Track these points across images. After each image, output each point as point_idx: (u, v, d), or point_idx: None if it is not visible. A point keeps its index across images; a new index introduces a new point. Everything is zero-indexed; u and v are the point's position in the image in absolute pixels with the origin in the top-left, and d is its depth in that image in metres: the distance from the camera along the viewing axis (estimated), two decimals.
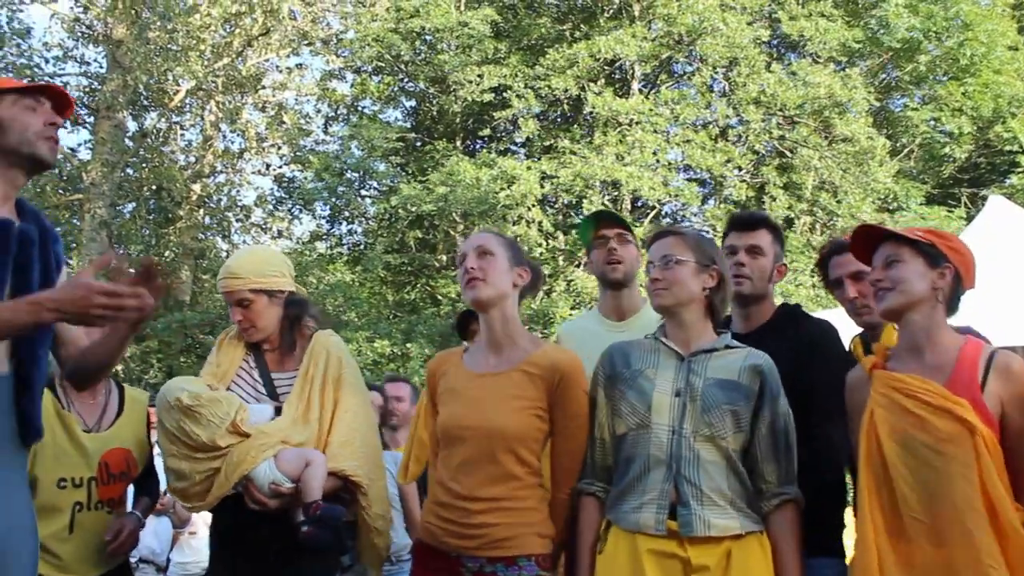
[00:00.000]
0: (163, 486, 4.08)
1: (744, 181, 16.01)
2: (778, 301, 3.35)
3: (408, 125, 18.64)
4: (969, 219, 12.94)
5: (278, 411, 3.04)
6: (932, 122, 16.67)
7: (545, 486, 2.86)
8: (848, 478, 3.05)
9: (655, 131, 15.34)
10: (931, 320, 2.53)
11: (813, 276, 14.82)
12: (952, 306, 2.58)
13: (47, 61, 17.07)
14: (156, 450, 3.79)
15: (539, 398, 2.79)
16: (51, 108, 2.62)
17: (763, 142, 16.11)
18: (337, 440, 2.99)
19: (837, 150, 15.77)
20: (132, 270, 2.44)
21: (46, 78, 16.70)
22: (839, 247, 3.16)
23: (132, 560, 4.16)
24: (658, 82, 17.76)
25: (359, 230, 18.34)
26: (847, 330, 3.14)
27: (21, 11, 16.73)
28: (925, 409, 2.42)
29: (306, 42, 17.84)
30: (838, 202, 15.66)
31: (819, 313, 4.14)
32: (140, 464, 3.61)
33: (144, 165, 17.06)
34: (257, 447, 2.90)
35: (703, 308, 2.78)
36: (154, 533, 5.80)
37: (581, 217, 9.47)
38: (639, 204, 16.73)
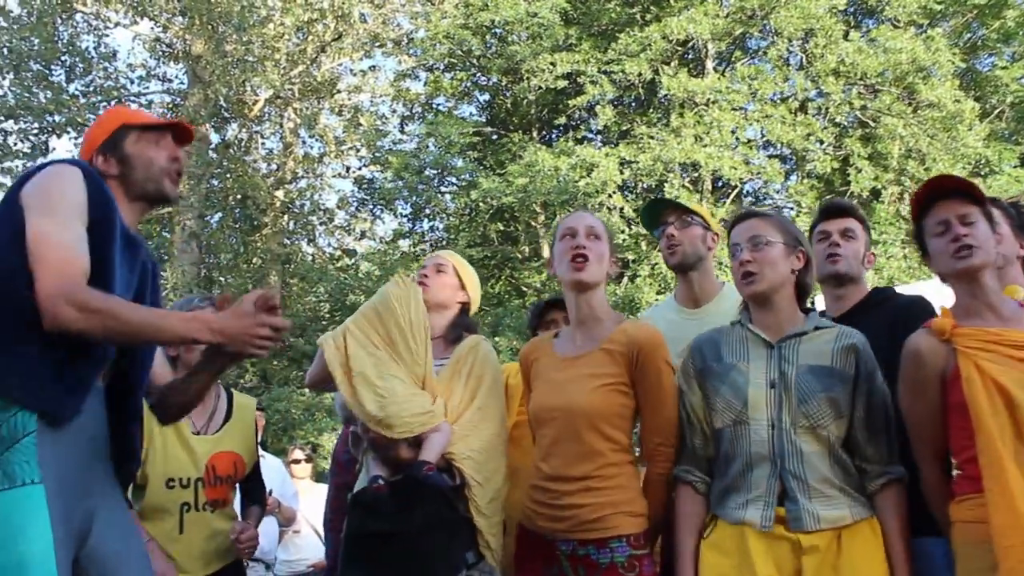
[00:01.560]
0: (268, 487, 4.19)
1: (827, 154, 15.61)
2: (870, 276, 3.29)
3: (483, 119, 18.70)
4: None
5: None
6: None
7: (636, 463, 2.88)
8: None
9: (733, 109, 15.10)
10: (995, 281, 2.53)
11: (905, 247, 14.45)
12: None
13: (132, 81, 17.62)
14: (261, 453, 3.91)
15: (620, 374, 2.82)
16: (172, 141, 2.64)
17: (844, 113, 15.69)
18: (458, 432, 3.05)
19: (923, 116, 15.28)
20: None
21: (132, 98, 17.26)
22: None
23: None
24: (733, 59, 17.48)
25: (441, 226, 18.49)
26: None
27: (106, 35, 17.31)
28: None
29: (378, 44, 18.02)
30: (926, 170, 15.17)
31: (913, 285, 4.05)
32: (248, 467, 3.69)
33: (228, 175, 17.46)
34: (430, 416, 3.00)
35: (792, 291, 2.74)
36: (262, 532, 5.93)
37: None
38: (720, 185, 16.51)
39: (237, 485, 3.72)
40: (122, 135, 2.57)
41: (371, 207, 18.94)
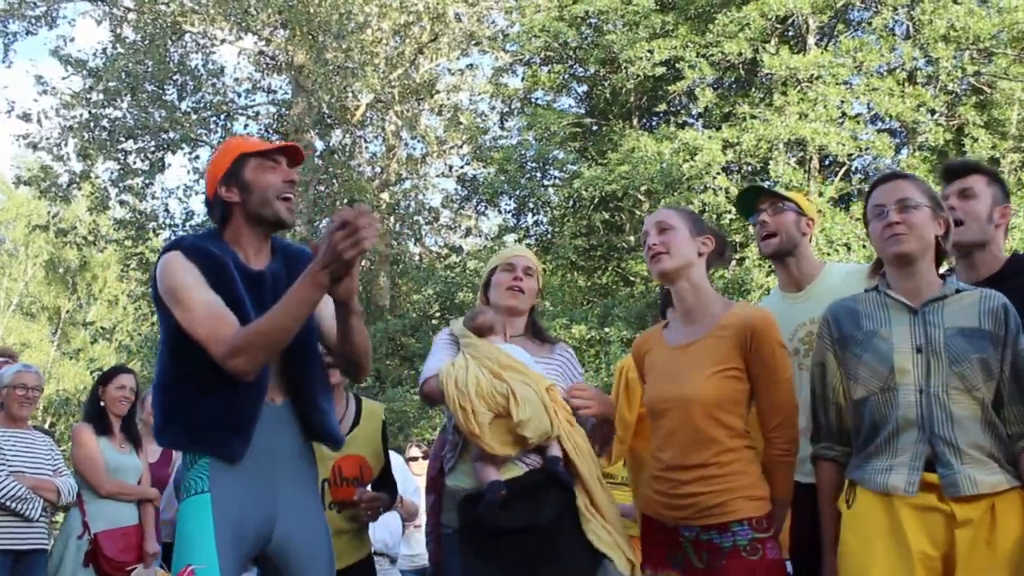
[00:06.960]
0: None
1: (939, 125, 15.00)
2: None
3: (582, 110, 18.64)
4: None
5: None
6: None
7: (755, 447, 2.86)
8: None
9: (837, 84, 14.67)
10: None
11: None
12: None
13: (239, 95, 18.19)
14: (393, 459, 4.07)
15: (733, 359, 2.81)
16: (287, 165, 2.80)
17: (956, 80, 15.07)
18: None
19: None
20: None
21: (240, 111, 17.82)
22: None
23: None
24: (835, 33, 16.99)
25: (545, 219, 18.49)
26: None
27: (213, 53, 17.88)
28: None
29: (474, 42, 18.14)
30: None
31: None
32: (375, 471, 3.85)
33: (334, 181, 17.85)
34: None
35: (933, 257, 2.68)
36: (386, 527, 6.07)
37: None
38: (828, 162, 16.09)
39: (367, 488, 3.85)
40: (241, 164, 2.74)
41: (475, 204, 19.09)
